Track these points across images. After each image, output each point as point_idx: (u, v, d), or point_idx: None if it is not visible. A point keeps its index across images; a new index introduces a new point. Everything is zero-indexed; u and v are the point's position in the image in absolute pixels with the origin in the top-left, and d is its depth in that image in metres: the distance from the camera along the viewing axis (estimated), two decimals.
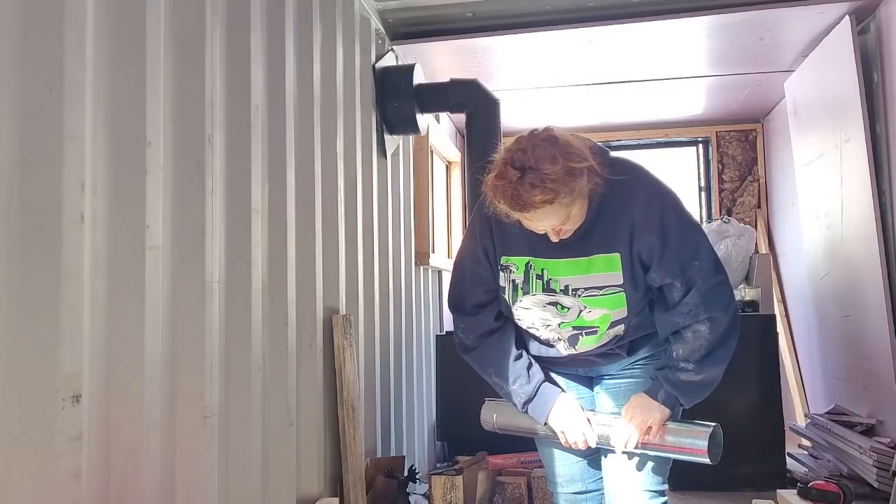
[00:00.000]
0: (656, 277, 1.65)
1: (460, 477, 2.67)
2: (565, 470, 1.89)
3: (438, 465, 3.46)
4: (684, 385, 1.67)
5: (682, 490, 3.28)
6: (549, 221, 1.59)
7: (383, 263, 3.07)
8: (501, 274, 1.76)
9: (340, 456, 2.36)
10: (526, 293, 1.73)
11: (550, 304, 1.71)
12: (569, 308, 1.70)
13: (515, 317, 1.78)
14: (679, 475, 3.27)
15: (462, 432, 3.40)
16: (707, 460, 1.64)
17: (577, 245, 1.66)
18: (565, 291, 1.69)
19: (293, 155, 2.13)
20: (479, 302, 1.81)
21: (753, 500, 2.43)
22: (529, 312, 1.74)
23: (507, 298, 1.77)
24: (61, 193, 1.18)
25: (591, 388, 1.88)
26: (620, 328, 1.71)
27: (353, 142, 2.72)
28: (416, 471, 2.83)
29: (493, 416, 1.89)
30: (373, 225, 2.93)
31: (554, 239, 1.65)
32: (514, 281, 1.74)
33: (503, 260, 1.75)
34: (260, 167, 1.90)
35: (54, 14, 1.19)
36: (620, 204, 1.62)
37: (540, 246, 1.69)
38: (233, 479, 1.74)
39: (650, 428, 1.68)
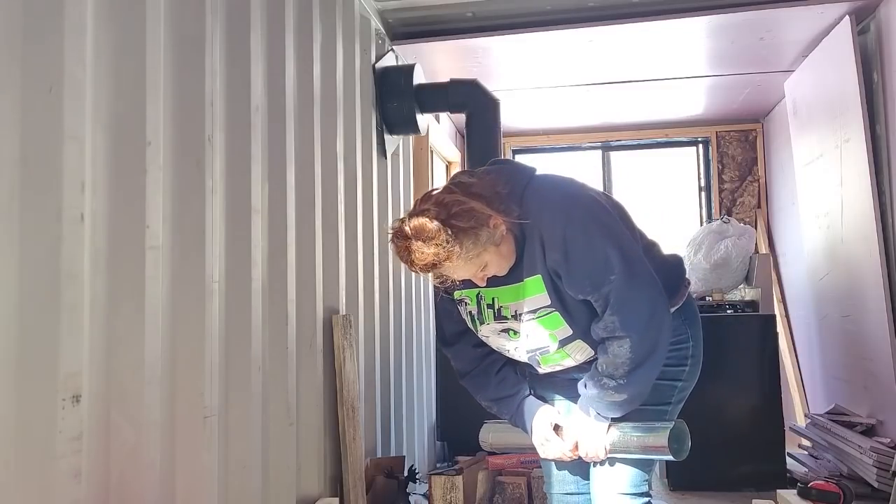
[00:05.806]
0: (570, 294, 1.63)
1: (460, 477, 2.67)
2: (558, 471, 1.93)
3: (438, 465, 3.46)
4: (610, 405, 1.66)
5: (682, 490, 3.28)
6: (462, 272, 1.61)
7: (383, 263, 3.07)
8: (459, 307, 1.80)
9: (340, 456, 2.36)
10: (482, 322, 1.76)
11: (503, 331, 1.74)
12: (518, 333, 1.72)
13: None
14: (679, 475, 3.32)
15: (462, 432, 3.39)
16: (670, 457, 1.65)
17: (515, 271, 1.68)
18: (515, 317, 1.70)
19: (293, 155, 2.13)
20: (454, 331, 1.86)
21: (753, 500, 2.43)
22: (489, 340, 1.79)
23: (471, 329, 1.81)
24: (61, 193, 1.18)
25: None
26: (583, 346, 1.70)
27: (353, 142, 2.72)
28: (416, 471, 2.83)
29: (489, 436, 2.10)
30: (373, 225, 2.93)
31: (480, 284, 1.67)
32: (470, 313, 1.78)
33: (456, 294, 1.78)
34: (260, 167, 1.90)
35: (54, 14, 1.19)
36: (533, 227, 1.62)
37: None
38: (233, 479, 1.74)
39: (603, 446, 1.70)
